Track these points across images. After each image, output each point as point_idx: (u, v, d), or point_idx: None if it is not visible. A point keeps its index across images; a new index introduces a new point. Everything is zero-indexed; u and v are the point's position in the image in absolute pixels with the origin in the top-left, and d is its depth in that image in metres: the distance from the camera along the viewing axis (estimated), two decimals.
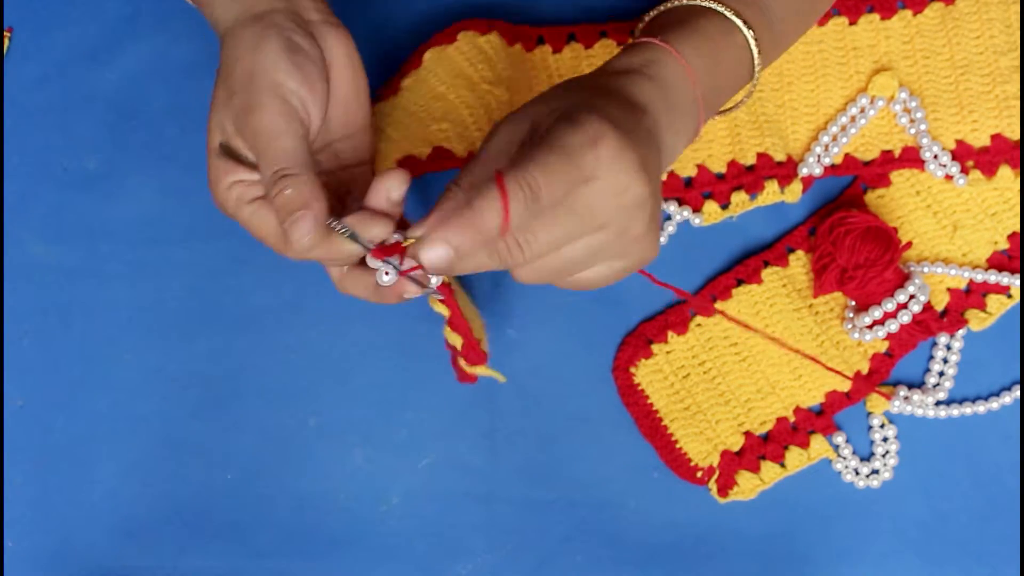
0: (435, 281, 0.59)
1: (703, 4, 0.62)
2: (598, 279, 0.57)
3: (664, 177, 0.79)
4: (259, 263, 0.78)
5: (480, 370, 0.70)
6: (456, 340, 0.68)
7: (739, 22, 0.62)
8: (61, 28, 0.81)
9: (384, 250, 0.57)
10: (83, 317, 0.78)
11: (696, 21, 0.62)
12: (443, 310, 0.65)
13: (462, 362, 0.70)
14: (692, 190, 0.79)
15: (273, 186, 0.57)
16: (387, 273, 0.57)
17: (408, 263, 0.56)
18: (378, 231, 0.57)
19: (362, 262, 0.60)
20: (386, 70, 0.79)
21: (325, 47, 0.62)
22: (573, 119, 0.52)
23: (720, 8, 0.62)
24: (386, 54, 0.79)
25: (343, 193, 0.64)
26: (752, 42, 0.63)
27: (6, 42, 0.81)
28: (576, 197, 0.52)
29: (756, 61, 0.64)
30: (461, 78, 0.76)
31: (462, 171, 0.55)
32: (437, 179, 0.70)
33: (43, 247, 0.79)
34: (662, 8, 0.65)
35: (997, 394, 0.78)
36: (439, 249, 0.52)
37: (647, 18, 0.65)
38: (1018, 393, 0.77)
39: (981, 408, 0.77)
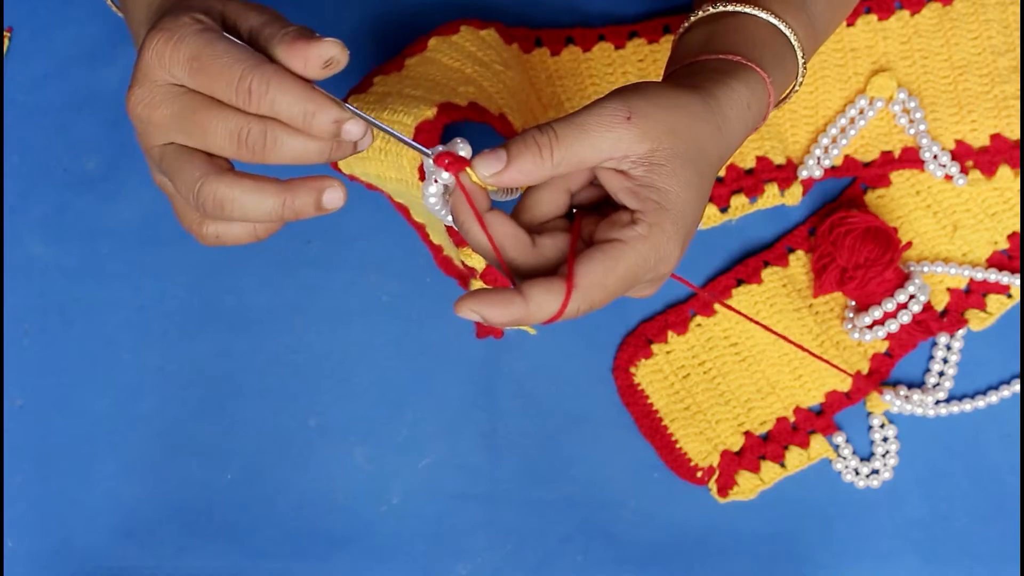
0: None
1: (772, 21, 0.60)
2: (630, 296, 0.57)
3: None
4: (259, 263, 0.79)
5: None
6: (477, 262, 0.66)
7: (800, 53, 0.61)
8: (61, 28, 0.81)
9: (447, 157, 0.52)
10: (83, 317, 0.78)
11: (773, 47, 0.60)
12: (477, 262, 0.63)
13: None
14: None
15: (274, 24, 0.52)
16: (436, 181, 0.52)
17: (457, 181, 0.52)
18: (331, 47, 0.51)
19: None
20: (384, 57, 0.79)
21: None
22: (651, 225, 0.51)
23: (793, 41, 0.60)
24: (381, 45, 0.80)
25: None
26: (801, 67, 0.62)
27: (6, 42, 0.81)
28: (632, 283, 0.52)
29: (799, 80, 0.63)
30: (473, 59, 0.75)
31: (556, 125, 0.52)
32: (479, 128, 0.69)
33: (43, 247, 0.79)
34: (720, 9, 0.61)
35: (996, 387, 0.78)
36: (473, 316, 0.50)
37: (701, 14, 0.62)
38: (1017, 387, 0.77)
39: (981, 403, 0.77)
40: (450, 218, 0.54)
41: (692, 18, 0.62)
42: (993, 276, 0.78)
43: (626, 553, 0.77)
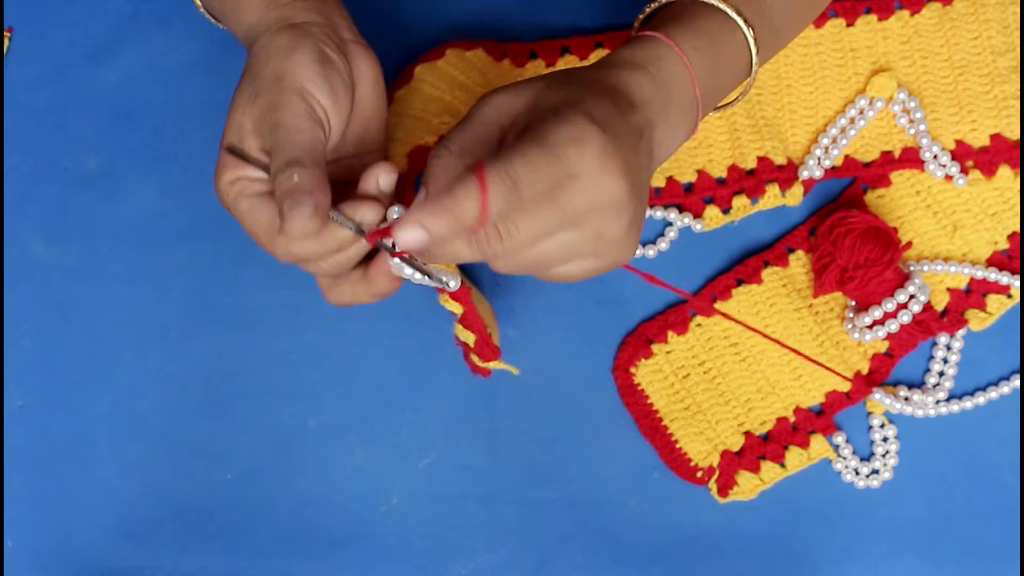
0: (453, 284, 0.60)
1: (705, 0, 0.62)
2: (572, 275, 0.56)
3: (663, 182, 0.79)
4: (259, 263, 0.78)
5: (493, 364, 0.70)
6: (468, 337, 0.68)
7: (740, 21, 0.62)
8: (61, 28, 0.81)
9: (377, 233, 0.58)
10: (83, 317, 0.78)
11: (698, 18, 0.61)
12: (455, 308, 0.65)
13: (475, 358, 0.70)
14: (692, 195, 0.79)
15: (282, 172, 0.57)
16: (393, 256, 0.59)
17: (401, 244, 0.55)
18: (367, 214, 0.58)
19: (362, 263, 0.61)
20: None
21: (354, 66, 0.62)
22: (562, 115, 0.52)
23: (722, 6, 0.62)
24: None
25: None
26: (752, 41, 0.63)
27: (6, 42, 0.81)
28: (557, 193, 0.52)
29: (754, 59, 0.64)
30: (455, 84, 0.77)
31: (450, 132, 0.55)
32: None
33: (43, 247, 0.79)
34: (661, 2, 0.64)
35: (995, 384, 0.78)
36: (414, 231, 0.52)
37: (647, 10, 0.65)
38: (1016, 383, 0.77)
39: (981, 399, 0.77)
40: (417, 276, 0.60)
41: (634, 24, 0.65)
42: (993, 275, 0.78)
43: (626, 553, 0.77)
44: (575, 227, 0.53)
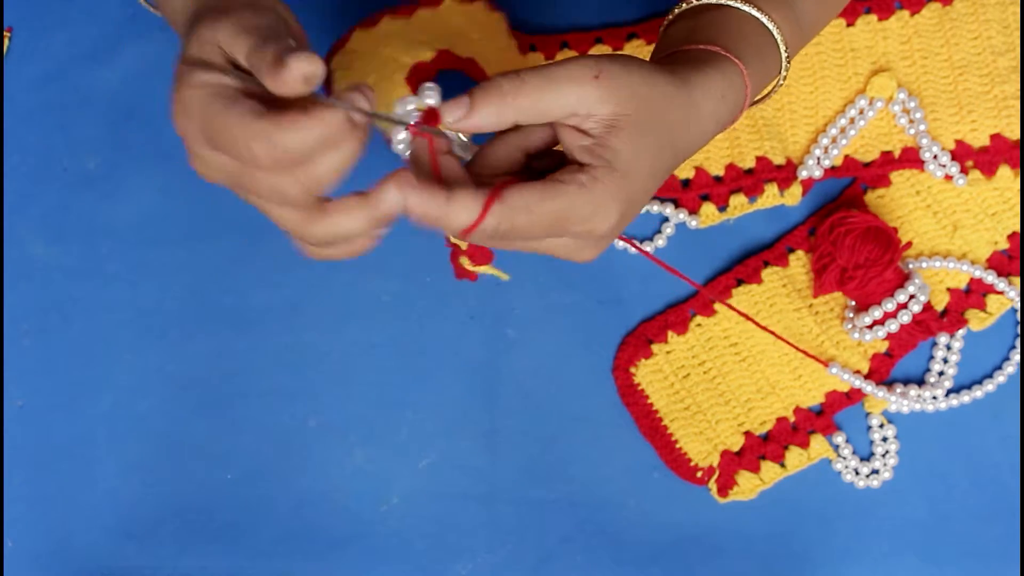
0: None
1: (752, 13, 0.61)
2: (548, 252, 0.56)
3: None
4: (259, 263, 0.79)
5: (483, 268, 0.69)
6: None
7: (782, 46, 0.61)
8: (61, 28, 0.81)
9: (420, 117, 0.52)
10: (83, 317, 0.78)
11: (752, 38, 0.60)
12: None
13: (463, 260, 0.70)
14: (689, 192, 0.79)
15: (276, 46, 0.51)
16: (402, 135, 0.53)
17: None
18: (360, 99, 0.51)
19: None
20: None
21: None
22: (595, 179, 0.52)
23: (771, 26, 0.61)
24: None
25: None
26: (784, 60, 0.62)
27: (6, 42, 0.81)
28: (554, 228, 0.52)
29: (783, 71, 0.63)
30: (478, 26, 0.76)
31: (524, 73, 0.52)
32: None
33: (43, 247, 0.79)
34: (706, 1, 0.62)
35: (991, 375, 0.78)
36: (393, 197, 0.49)
37: (685, 6, 0.63)
38: (1011, 371, 0.77)
39: (979, 393, 0.77)
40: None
41: (676, 10, 0.63)
42: (991, 278, 0.78)
43: (626, 553, 0.77)
44: (559, 235, 0.54)
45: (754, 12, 0.61)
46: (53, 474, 0.77)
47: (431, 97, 0.52)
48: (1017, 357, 0.78)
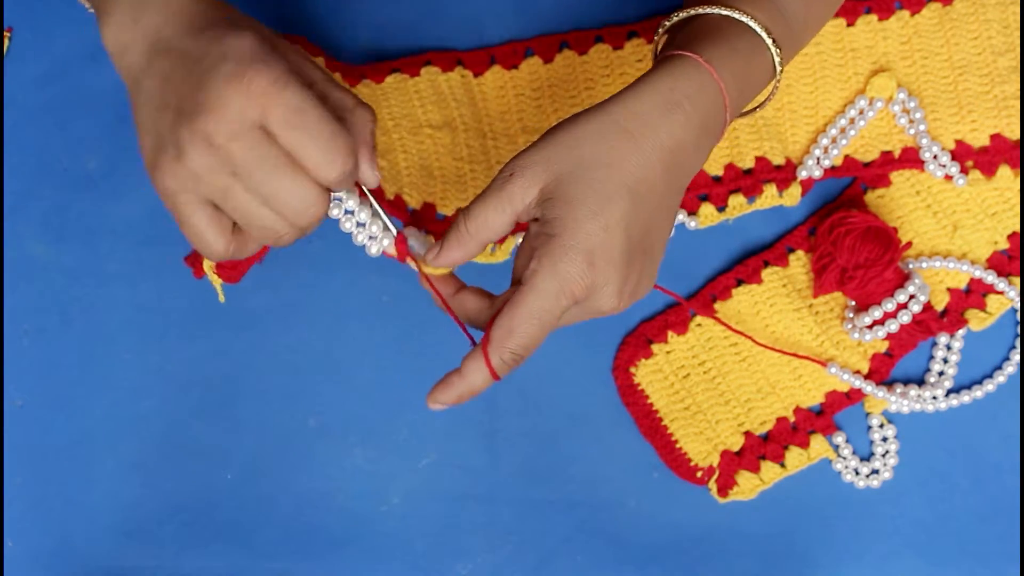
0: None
1: (735, 16, 0.60)
2: (577, 321, 0.61)
3: None
4: (259, 263, 0.78)
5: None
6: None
7: (769, 41, 0.61)
8: (61, 28, 0.81)
9: (403, 243, 0.60)
10: (83, 317, 0.78)
11: (730, 37, 0.60)
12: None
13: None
14: (688, 192, 0.79)
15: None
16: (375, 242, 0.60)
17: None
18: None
19: None
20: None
21: None
22: (540, 258, 0.55)
23: (754, 25, 0.61)
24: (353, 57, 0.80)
25: None
26: (777, 59, 0.62)
27: (6, 42, 0.81)
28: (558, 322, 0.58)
29: (777, 76, 0.63)
30: (408, 119, 0.78)
31: (469, 205, 0.58)
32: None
33: (43, 247, 0.79)
34: (691, 12, 0.62)
35: (991, 375, 0.78)
36: (441, 407, 0.58)
37: (674, 18, 0.63)
38: (1011, 371, 0.77)
39: (979, 393, 0.77)
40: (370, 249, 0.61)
41: (660, 29, 0.64)
42: (991, 278, 0.78)
43: (626, 553, 0.77)
44: (563, 314, 0.58)
45: (724, 11, 0.60)
46: (53, 474, 0.77)
47: (417, 244, 0.61)
48: (1017, 357, 0.78)
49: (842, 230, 0.76)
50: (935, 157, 0.79)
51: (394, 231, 0.60)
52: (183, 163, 0.52)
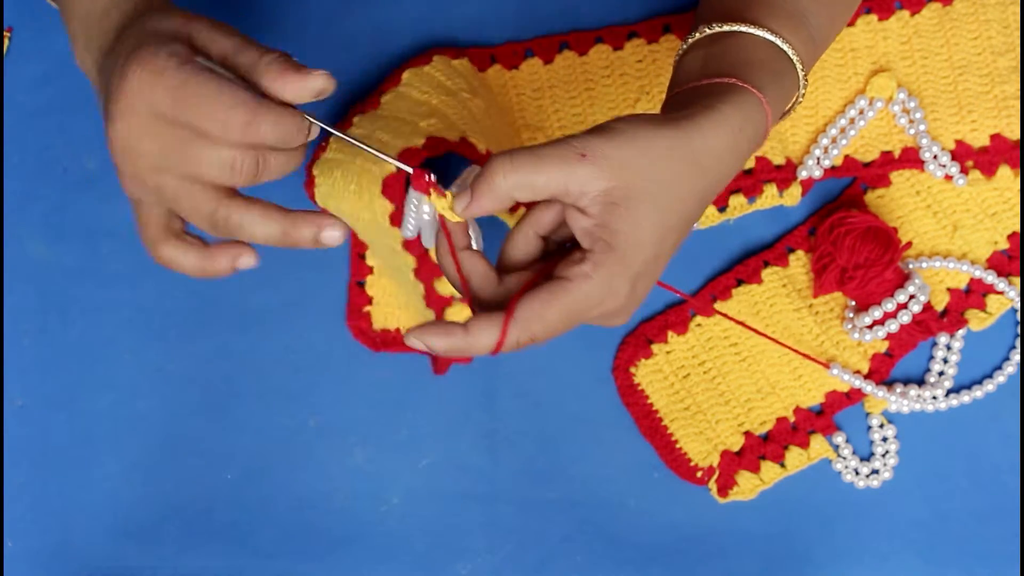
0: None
1: (770, 38, 0.59)
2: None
3: None
4: (259, 263, 0.78)
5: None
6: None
7: (801, 73, 0.60)
8: (61, 28, 0.81)
9: (424, 184, 0.56)
10: (83, 317, 0.78)
11: (771, 61, 0.59)
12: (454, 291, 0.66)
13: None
14: None
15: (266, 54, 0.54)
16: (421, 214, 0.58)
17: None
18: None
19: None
20: (364, 94, 0.80)
21: None
22: (596, 264, 0.53)
23: (790, 52, 0.60)
24: (364, 81, 0.80)
25: None
26: (801, 77, 0.61)
27: (6, 42, 0.81)
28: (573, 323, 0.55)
29: (801, 92, 0.62)
30: (441, 88, 0.77)
31: (515, 152, 0.54)
32: (439, 162, 0.71)
33: (43, 247, 0.79)
34: (724, 28, 0.60)
35: (991, 375, 0.78)
36: (418, 345, 0.54)
37: (698, 35, 0.61)
38: (1011, 370, 0.77)
39: (979, 393, 0.77)
40: (432, 241, 0.58)
41: (689, 39, 0.62)
42: (991, 278, 0.78)
43: (626, 553, 0.77)
44: (581, 323, 0.55)
45: (770, 37, 0.59)
46: (53, 474, 0.77)
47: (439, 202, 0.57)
48: (1017, 357, 0.78)
49: (842, 230, 0.76)
50: (935, 157, 0.79)
51: (401, 166, 0.57)
52: (122, 172, 0.55)
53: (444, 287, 0.69)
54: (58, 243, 0.79)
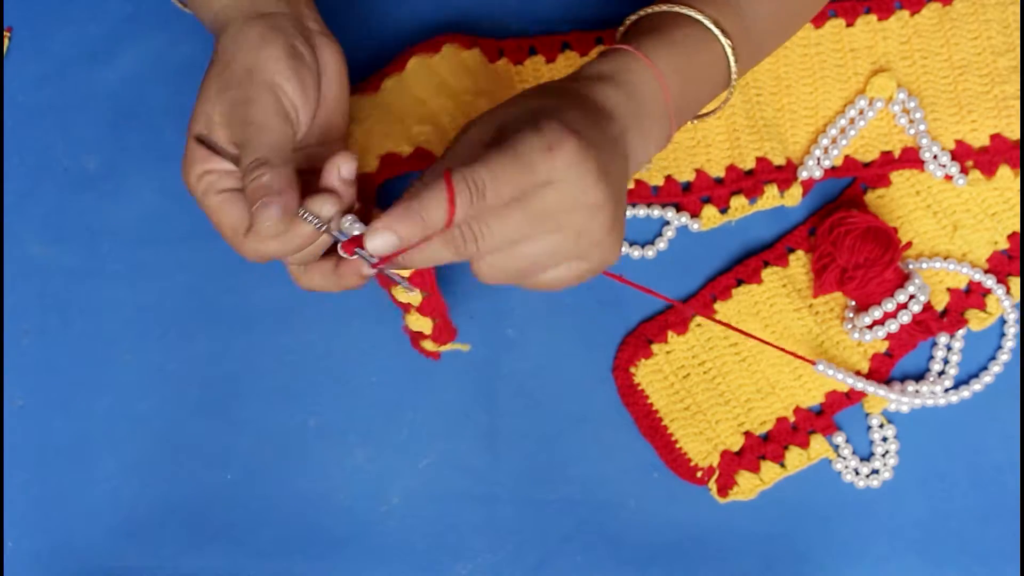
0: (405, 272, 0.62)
1: (682, 11, 0.63)
2: (560, 280, 0.58)
3: (662, 180, 0.79)
4: (259, 263, 0.78)
5: (447, 347, 0.71)
6: (424, 324, 0.69)
7: (717, 31, 0.63)
8: (61, 28, 0.81)
9: (352, 241, 0.59)
10: (83, 317, 0.78)
11: (672, 29, 0.62)
12: (412, 299, 0.66)
13: (427, 344, 0.71)
14: (690, 194, 0.79)
15: (252, 172, 0.58)
16: (365, 261, 0.60)
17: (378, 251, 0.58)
18: (328, 208, 0.59)
19: (329, 252, 0.63)
20: (367, 74, 0.80)
21: (321, 58, 0.64)
22: (534, 124, 0.54)
23: (699, 16, 0.62)
24: (368, 60, 0.80)
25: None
26: (729, 51, 0.63)
27: (6, 42, 0.81)
28: (531, 199, 0.54)
29: (733, 69, 0.64)
30: (443, 88, 0.77)
31: (426, 169, 0.57)
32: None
33: (43, 247, 0.79)
34: (641, 14, 0.65)
35: (987, 367, 0.78)
36: (384, 236, 0.53)
37: (627, 22, 0.66)
38: (1005, 358, 0.78)
39: (977, 386, 0.77)
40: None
41: (622, 28, 0.65)
42: (989, 281, 0.78)
43: (626, 553, 0.77)
44: (555, 230, 0.55)
45: (672, 8, 0.63)
46: (53, 474, 0.77)
47: (356, 228, 0.60)
48: (1009, 344, 0.78)
49: (842, 230, 0.76)
50: (935, 157, 0.79)
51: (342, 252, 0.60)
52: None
53: (401, 295, 0.69)
54: (58, 243, 0.79)
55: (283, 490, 0.77)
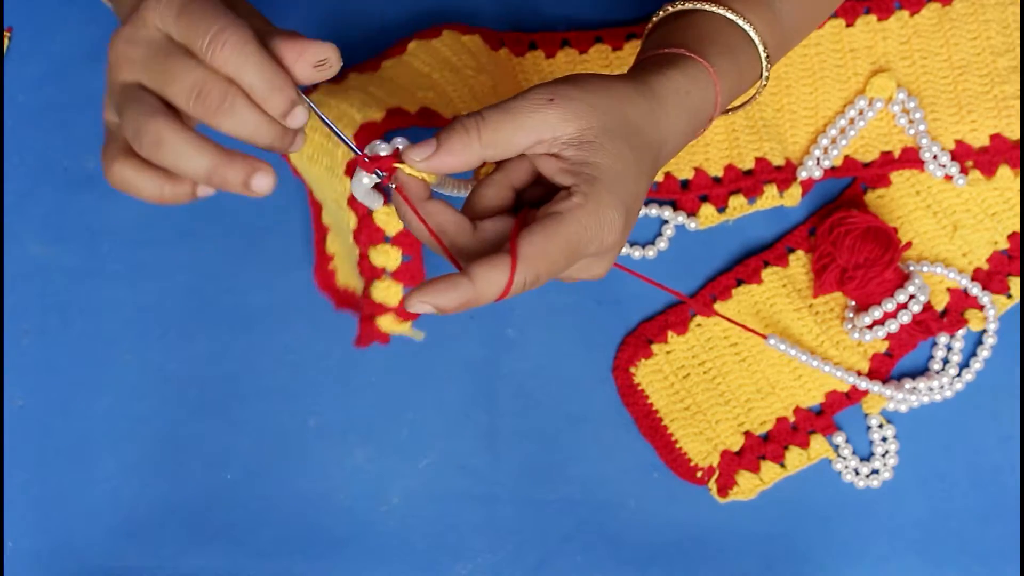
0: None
1: (736, 21, 0.62)
2: (573, 279, 0.58)
3: (661, 177, 0.79)
4: (259, 263, 0.79)
5: (399, 329, 0.70)
6: (392, 295, 0.67)
7: (758, 40, 0.62)
8: (61, 28, 0.81)
9: (377, 161, 0.54)
10: (83, 317, 0.78)
11: (727, 36, 0.61)
12: (389, 262, 0.65)
13: (384, 320, 0.70)
14: (688, 193, 0.79)
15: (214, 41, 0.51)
16: (372, 181, 0.55)
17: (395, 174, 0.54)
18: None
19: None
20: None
21: None
22: (594, 200, 0.53)
23: (747, 28, 0.62)
24: (368, 56, 0.80)
25: None
26: (764, 59, 0.63)
27: (6, 42, 0.81)
28: (573, 257, 0.53)
29: (764, 72, 0.64)
30: (446, 64, 0.77)
31: (484, 111, 0.53)
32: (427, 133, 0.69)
33: (43, 247, 0.79)
34: (678, 7, 0.63)
35: (975, 353, 0.78)
36: (424, 308, 0.51)
37: (662, 14, 0.64)
38: (992, 341, 0.78)
39: (969, 376, 0.77)
40: (376, 205, 0.56)
41: (655, 18, 0.64)
42: (975, 291, 0.78)
43: (626, 553, 0.77)
44: (579, 259, 0.54)
45: (726, 13, 0.62)
46: (53, 474, 0.77)
47: (384, 150, 0.54)
48: (991, 341, 0.78)
49: (842, 230, 0.76)
50: (935, 157, 0.79)
51: (352, 148, 0.55)
52: (108, 84, 0.53)
53: (379, 257, 0.67)
54: (58, 243, 0.79)
55: (283, 490, 0.77)
